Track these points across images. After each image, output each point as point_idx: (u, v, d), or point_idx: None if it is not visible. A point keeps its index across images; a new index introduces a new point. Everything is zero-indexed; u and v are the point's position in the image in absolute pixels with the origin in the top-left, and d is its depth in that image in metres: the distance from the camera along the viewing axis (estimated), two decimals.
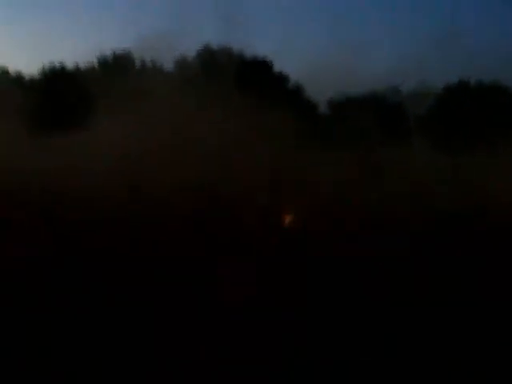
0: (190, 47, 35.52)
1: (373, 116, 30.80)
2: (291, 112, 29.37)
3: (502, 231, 17.45)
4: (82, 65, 36.26)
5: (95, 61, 36.21)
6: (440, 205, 20.58)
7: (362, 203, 20.30)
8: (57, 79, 34.54)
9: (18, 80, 35.45)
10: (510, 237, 16.80)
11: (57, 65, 36.34)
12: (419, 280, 12.99)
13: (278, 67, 36.75)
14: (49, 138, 24.08)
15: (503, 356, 9.90)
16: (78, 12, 58.78)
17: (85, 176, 19.76)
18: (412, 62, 33.06)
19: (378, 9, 57.00)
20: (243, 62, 35.32)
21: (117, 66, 34.65)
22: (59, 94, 31.82)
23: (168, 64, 35.19)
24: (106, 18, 60.62)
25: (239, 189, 20.61)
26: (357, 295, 12.09)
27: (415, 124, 32.56)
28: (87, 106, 28.53)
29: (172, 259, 14.00)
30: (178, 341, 10.15)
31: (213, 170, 22.38)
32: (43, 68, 36.28)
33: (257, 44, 35.23)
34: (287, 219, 18.62)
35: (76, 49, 52.92)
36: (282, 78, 36.71)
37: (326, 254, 14.55)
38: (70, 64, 36.51)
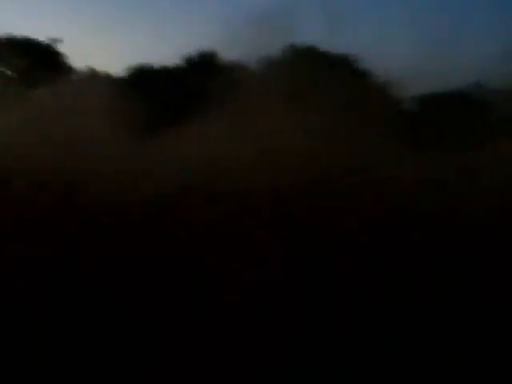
0: (275, 46, 35.44)
1: (459, 113, 30.54)
2: (377, 108, 29.31)
3: None
4: (169, 64, 36.88)
5: (181, 60, 36.81)
6: None
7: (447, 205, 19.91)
8: (146, 79, 35.21)
9: (108, 80, 36.07)
10: None
11: (144, 64, 37.14)
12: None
13: (364, 64, 36.81)
14: (147, 139, 24.52)
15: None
16: (161, 11, 59.16)
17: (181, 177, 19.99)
18: (498, 58, 32.38)
19: (463, 5, 56.05)
20: (329, 60, 35.38)
21: (203, 65, 35.09)
22: (150, 94, 32.26)
23: (253, 63, 35.41)
24: (190, 16, 61.04)
25: (325, 189, 20.57)
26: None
27: (502, 121, 32.03)
28: (179, 106, 29.09)
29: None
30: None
31: (302, 170, 22.37)
32: (130, 68, 37.12)
33: (343, 41, 34.94)
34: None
35: (161, 48, 53.33)
36: (368, 75, 36.68)
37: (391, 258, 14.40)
38: (156, 63, 37.26)
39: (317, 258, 13.78)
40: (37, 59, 36.51)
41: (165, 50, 58.12)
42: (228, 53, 35.43)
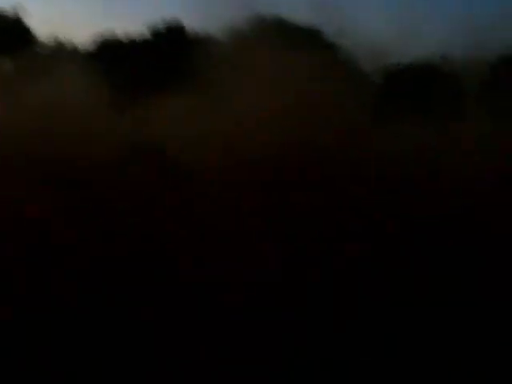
0: (239, 16, 35.13)
1: (427, 86, 30.72)
2: (343, 81, 29.29)
3: None
4: (135, 35, 36.36)
5: (148, 31, 36.29)
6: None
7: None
8: (112, 51, 34.67)
9: (74, 52, 35.46)
10: None
11: (110, 36, 36.54)
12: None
13: (331, 37, 36.71)
14: (117, 113, 24.24)
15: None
16: None
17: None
18: (466, 31, 32.56)
19: None
20: (293, 31, 35.21)
21: (170, 37, 34.66)
22: (117, 67, 31.79)
23: (218, 33, 35.15)
24: None
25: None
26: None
27: (471, 94, 32.21)
28: (148, 79, 28.79)
29: None
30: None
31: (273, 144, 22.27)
32: (96, 39, 36.48)
33: (308, 13, 34.81)
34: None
35: (124, 18, 52.64)
36: (333, 47, 36.60)
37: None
38: (122, 34, 36.71)
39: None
40: None
41: (130, 19, 57.51)
42: (195, 23, 35.10)
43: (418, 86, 31.36)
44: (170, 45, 32.64)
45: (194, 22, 34.89)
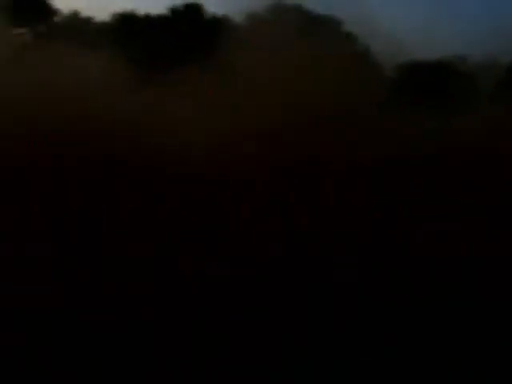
0: (260, 1, 35.09)
1: (441, 84, 30.75)
2: (358, 73, 29.28)
3: None
4: (154, 13, 36.24)
5: (167, 10, 36.18)
6: None
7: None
8: (131, 27, 34.56)
9: (92, 25, 35.32)
10: None
11: (129, 12, 36.42)
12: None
13: (346, 27, 36.62)
14: (134, 89, 24.18)
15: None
16: None
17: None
18: (482, 33, 32.52)
19: None
20: (312, 19, 35.14)
21: (189, 17, 34.57)
22: (135, 43, 31.69)
23: (240, 18, 35.12)
24: None
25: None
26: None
27: (484, 95, 32.20)
28: (165, 57, 28.75)
29: None
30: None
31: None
32: (115, 14, 36.35)
33: (326, 3, 34.70)
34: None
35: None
36: (350, 39, 36.50)
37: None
38: (141, 11, 36.59)
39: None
40: None
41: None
42: (215, 6, 35.04)
43: (431, 83, 31.35)
44: (188, 23, 32.59)
45: (214, 5, 34.83)
